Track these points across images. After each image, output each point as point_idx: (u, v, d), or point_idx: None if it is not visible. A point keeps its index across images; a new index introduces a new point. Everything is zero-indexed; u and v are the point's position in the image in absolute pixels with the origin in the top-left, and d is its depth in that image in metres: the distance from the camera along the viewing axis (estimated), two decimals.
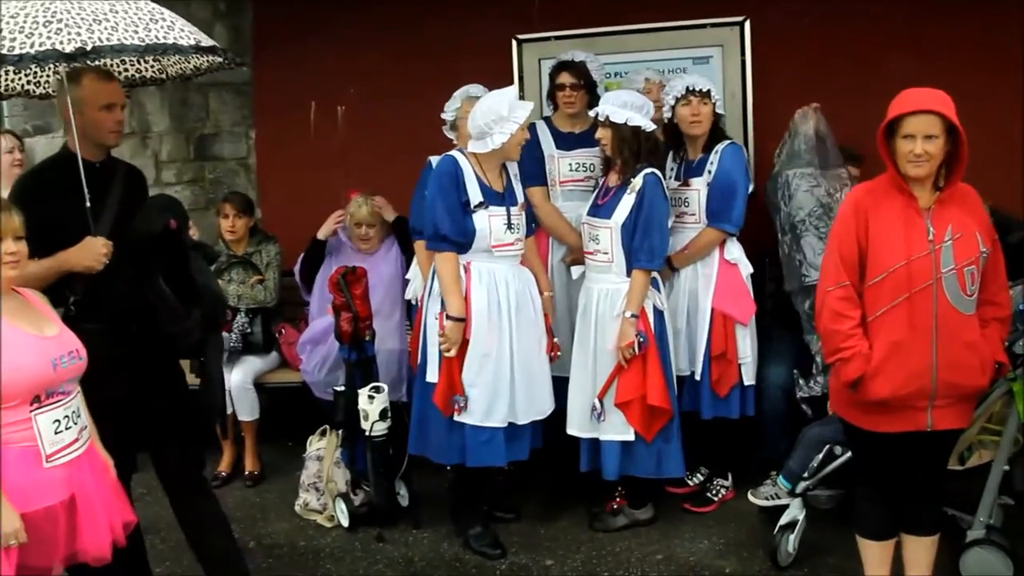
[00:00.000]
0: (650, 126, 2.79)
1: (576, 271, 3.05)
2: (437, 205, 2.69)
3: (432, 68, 3.87)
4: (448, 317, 2.71)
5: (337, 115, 4.06)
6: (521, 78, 3.87)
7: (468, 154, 2.77)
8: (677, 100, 2.95)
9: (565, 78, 3.15)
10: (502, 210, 2.75)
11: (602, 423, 2.82)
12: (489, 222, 2.72)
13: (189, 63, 2.49)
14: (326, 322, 3.42)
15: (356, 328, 3.08)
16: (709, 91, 2.92)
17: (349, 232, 3.65)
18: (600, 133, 2.81)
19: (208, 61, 2.45)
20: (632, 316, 2.75)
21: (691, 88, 2.91)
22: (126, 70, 2.55)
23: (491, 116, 2.68)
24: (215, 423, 2.47)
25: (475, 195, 2.72)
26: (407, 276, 3.37)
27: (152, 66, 2.55)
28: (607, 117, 2.77)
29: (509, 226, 2.75)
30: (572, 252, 3.17)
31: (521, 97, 3.83)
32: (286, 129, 4.17)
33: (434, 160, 3.05)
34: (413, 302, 3.33)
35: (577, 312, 2.97)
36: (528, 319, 2.82)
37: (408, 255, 3.46)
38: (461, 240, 2.73)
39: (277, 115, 4.21)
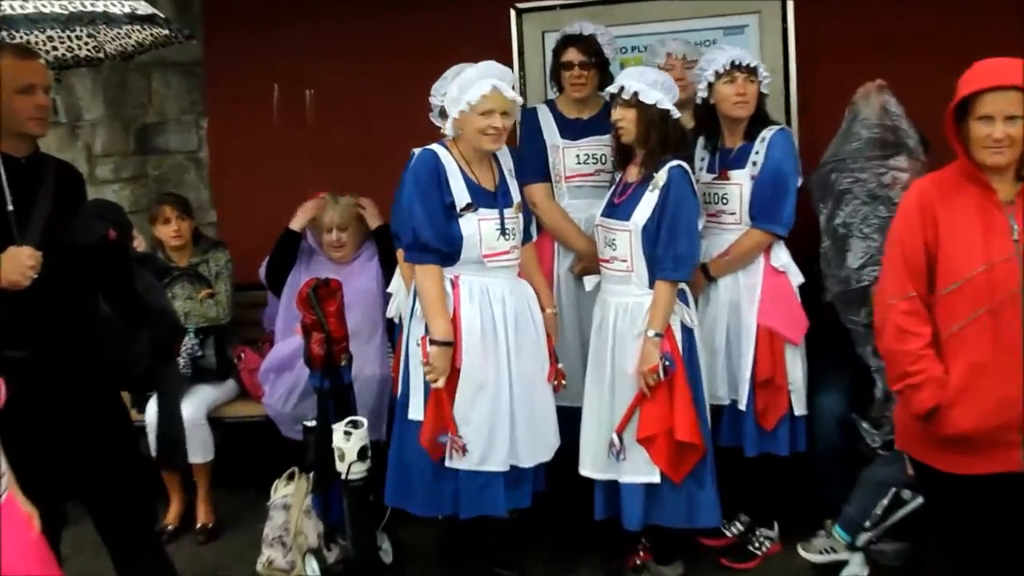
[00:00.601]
0: (676, 113, 2.78)
1: (589, 282, 3.02)
2: (415, 208, 2.67)
3: (418, 43, 3.85)
4: (432, 342, 2.67)
5: (305, 100, 4.04)
6: (521, 54, 3.86)
7: (451, 145, 2.75)
8: (718, 76, 2.91)
9: (572, 55, 3.13)
10: (494, 212, 2.74)
11: (622, 462, 2.79)
12: (479, 227, 2.70)
13: (130, 38, 2.46)
14: (293, 345, 3.39)
15: (330, 351, 3.04)
16: (756, 67, 2.91)
17: (319, 238, 3.63)
18: (620, 114, 2.77)
19: (152, 35, 2.42)
20: (656, 335, 2.72)
21: (736, 62, 2.88)
22: (55, 48, 2.51)
23: (447, 97, 2.72)
24: (178, 466, 2.47)
25: (461, 195, 2.70)
26: (389, 290, 3.34)
27: (87, 43, 2.52)
28: (634, 95, 2.73)
29: (503, 231, 2.73)
30: (582, 260, 3.14)
31: (522, 78, 3.84)
32: (244, 117, 4.16)
33: (417, 152, 3.01)
34: (396, 321, 3.30)
35: (590, 330, 2.94)
36: (529, 341, 2.79)
37: (389, 267, 3.44)
38: (446, 249, 2.70)
39: (234, 101, 4.20)
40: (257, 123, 4.12)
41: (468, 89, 2.65)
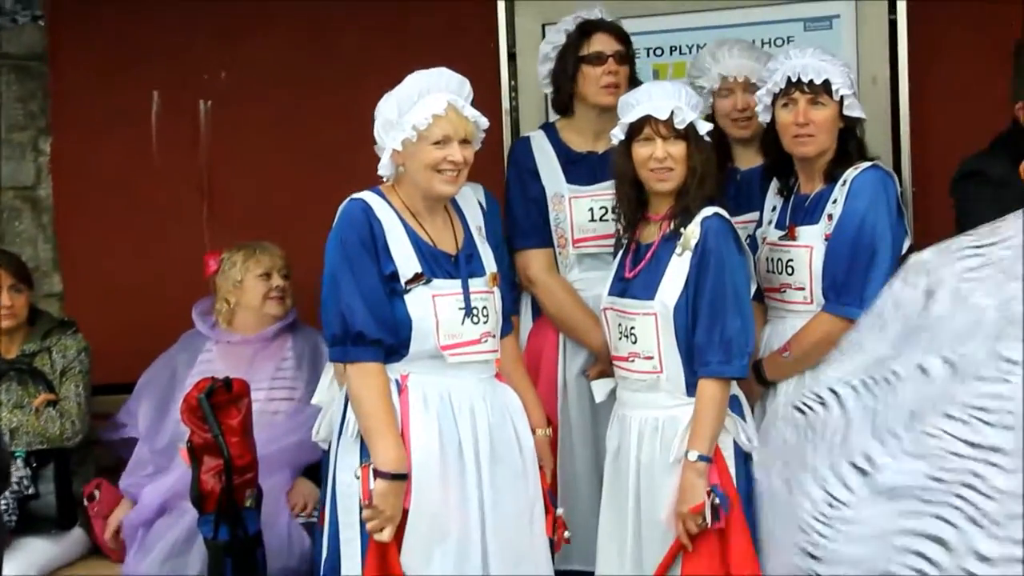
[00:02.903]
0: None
1: (600, 390, 3.31)
2: (342, 284, 2.94)
3: (364, 43, 4.17)
4: (377, 474, 2.86)
5: (199, 116, 4.37)
6: (512, 58, 4.21)
7: (389, 192, 3.06)
8: (775, 97, 3.22)
9: (603, 43, 3.45)
10: (455, 285, 3.01)
11: None
12: (434, 306, 2.96)
13: None
14: (173, 478, 3.68)
15: (229, 486, 3.30)
16: (826, 83, 3.15)
17: (222, 300, 3.97)
18: (666, 150, 3.04)
19: None
20: (701, 460, 2.96)
21: (793, 78, 3.16)
22: None
23: (379, 121, 3.01)
24: None
25: (406, 261, 2.97)
26: (315, 401, 3.56)
27: None
28: (689, 125, 3.05)
29: (469, 312, 3.00)
30: (600, 360, 3.44)
31: (514, 93, 4.16)
32: (105, 139, 4.45)
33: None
34: (326, 447, 3.45)
35: (605, 459, 3.24)
36: (511, 472, 3.00)
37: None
38: (388, 339, 2.94)
39: (90, 115, 4.48)
40: (125, 148, 4.42)
41: (411, 107, 2.95)
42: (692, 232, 3.07)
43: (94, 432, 4.08)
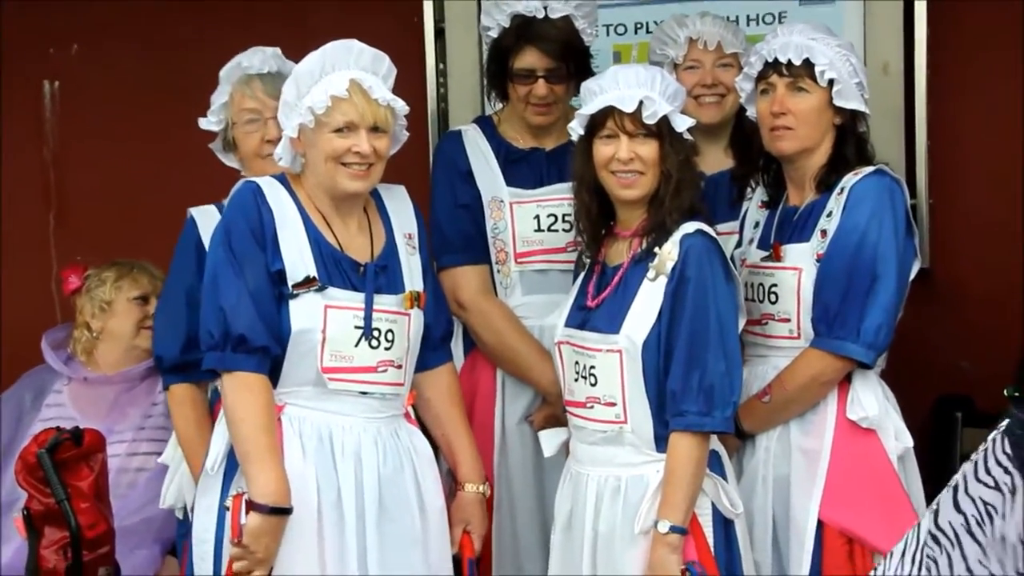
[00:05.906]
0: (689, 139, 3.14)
1: (549, 442, 3.31)
2: (223, 277, 2.97)
3: (254, 13, 4.27)
4: (252, 506, 2.87)
5: (43, 101, 4.40)
6: (439, 33, 4.25)
7: (294, 181, 3.11)
8: (755, 83, 3.29)
9: (532, 58, 3.49)
10: (355, 298, 3.04)
11: None
12: (324, 318, 3.00)
13: None
14: (6, 556, 3.70)
15: (76, 564, 3.27)
16: (808, 64, 3.18)
17: (82, 327, 3.99)
18: (633, 149, 3.05)
19: None
20: (673, 531, 2.98)
21: (770, 59, 3.21)
22: None
23: (280, 102, 3.07)
24: None
25: (298, 261, 3.00)
26: (161, 460, 3.58)
27: None
28: (663, 120, 3.05)
29: (368, 334, 3.04)
30: (547, 402, 3.50)
31: (442, 79, 4.22)
32: None
33: (197, 215, 3.39)
34: (179, 516, 3.51)
35: (553, 527, 3.25)
36: (406, 536, 3.04)
37: None
38: (275, 350, 2.96)
39: None
40: None
41: (311, 87, 2.99)
42: (668, 253, 3.07)
43: None
